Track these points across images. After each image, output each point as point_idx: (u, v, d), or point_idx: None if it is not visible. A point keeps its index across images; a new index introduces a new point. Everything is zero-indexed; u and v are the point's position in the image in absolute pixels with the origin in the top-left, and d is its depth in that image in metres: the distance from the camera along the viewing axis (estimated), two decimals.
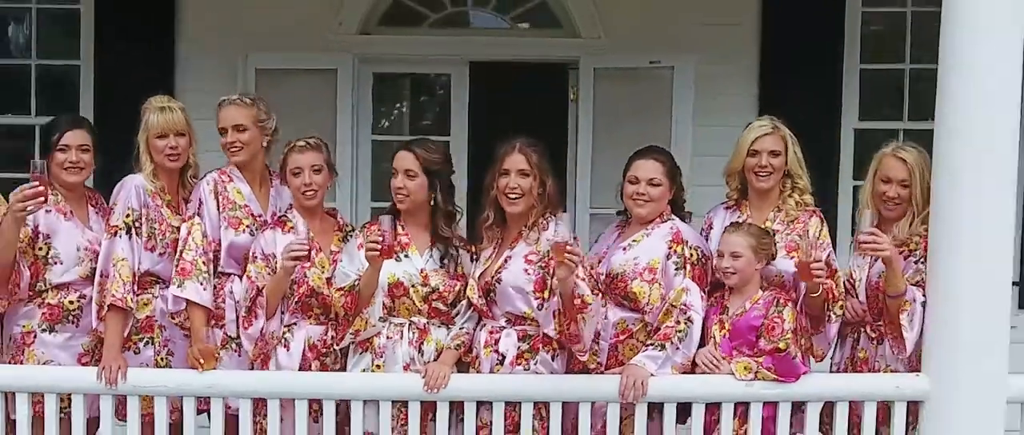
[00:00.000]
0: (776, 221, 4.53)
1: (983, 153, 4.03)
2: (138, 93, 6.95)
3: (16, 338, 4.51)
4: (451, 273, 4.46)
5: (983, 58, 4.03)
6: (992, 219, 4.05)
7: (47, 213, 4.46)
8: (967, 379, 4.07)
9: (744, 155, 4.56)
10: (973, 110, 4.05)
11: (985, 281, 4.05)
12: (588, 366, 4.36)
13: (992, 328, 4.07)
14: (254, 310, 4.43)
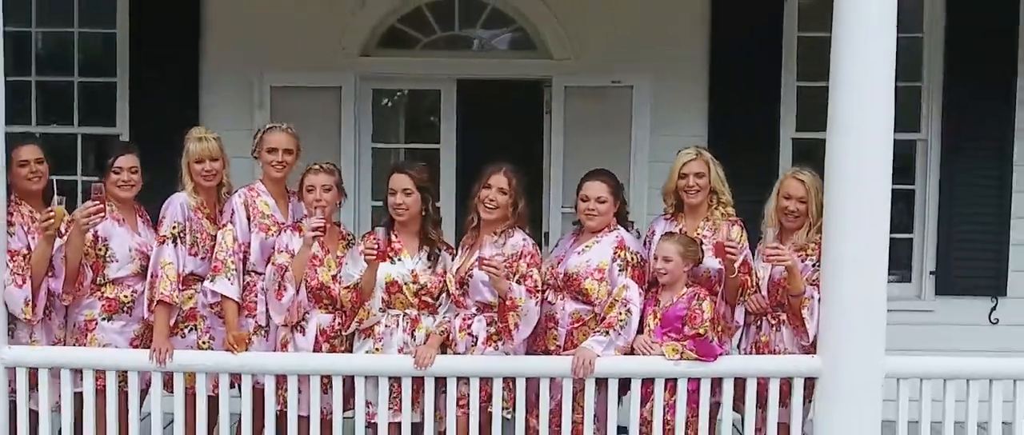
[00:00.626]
0: (705, 229, 5.31)
1: (863, 163, 4.82)
2: (167, 106, 7.75)
3: (80, 325, 5.25)
4: (436, 271, 5.26)
5: (861, 82, 4.82)
6: (870, 226, 4.78)
7: (105, 221, 5.17)
8: (852, 359, 4.83)
9: (676, 177, 5.36)
10: (855, 120, 4.82)
11: (866, 280, 4.78)
12: (548, 347, 5.19)
13: (872, 318, 4.81)
14: (283, 285, 5.14)
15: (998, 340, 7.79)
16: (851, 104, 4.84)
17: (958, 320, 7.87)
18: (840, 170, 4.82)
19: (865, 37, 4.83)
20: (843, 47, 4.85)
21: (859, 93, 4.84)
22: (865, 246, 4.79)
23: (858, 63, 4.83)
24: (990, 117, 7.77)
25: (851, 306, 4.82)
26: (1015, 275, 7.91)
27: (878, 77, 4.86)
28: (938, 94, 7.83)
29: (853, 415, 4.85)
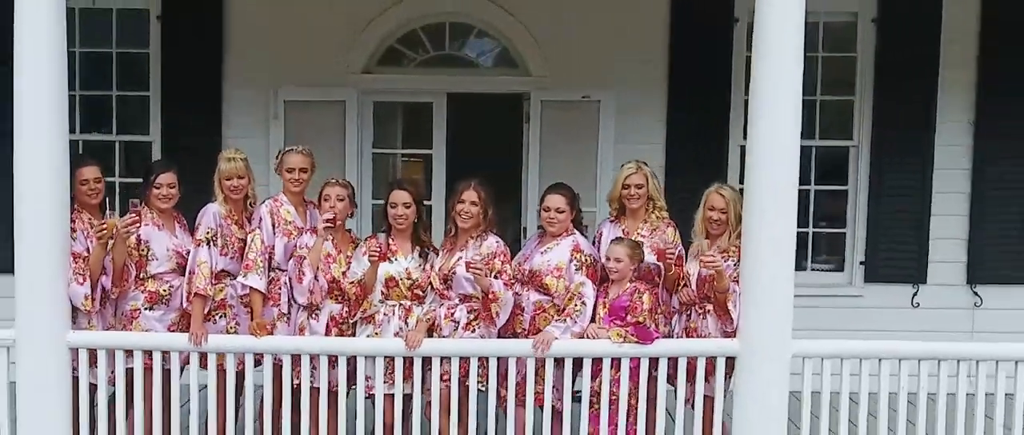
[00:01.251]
0: (644, 229, 6.18)
1: (775, 181, 5.56)
2: (194, 117, 8.59)
3: (126, 313, 6.12)
4: (425, 269, 6.15)
5: (768, 100, 5.58)
6: (779, 231, 5.58)
7: (146, 226, 6.07)
8: (764, 343, 5.66)
9: (619, 187, 6.23)
10: (767, 129, 5.60)
11: (776, 278, 5.60)
12: (516, 330, 6.07)
13: (781, 309, 5.64)
14: (301, 271, 6.01)
15: (919, 322, 8.62)
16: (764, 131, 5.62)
17: (884, 304, 8.69)
18: (755, 183, 5.63)
19: (779, 67, 5.56)
20: (760, 77, 5.61)
21: (770, 121, 5.60)
22: (775, 249, 5.61)
23: (771, 92, 5.57)
24: (913, 127, 8.56)
25: (764, 299, 5.64)
26: (933, 265, 8.73)
27: (788, 105, 5.57)
28: (869, 107, 8.63)
29: (765, 389, 5.70)
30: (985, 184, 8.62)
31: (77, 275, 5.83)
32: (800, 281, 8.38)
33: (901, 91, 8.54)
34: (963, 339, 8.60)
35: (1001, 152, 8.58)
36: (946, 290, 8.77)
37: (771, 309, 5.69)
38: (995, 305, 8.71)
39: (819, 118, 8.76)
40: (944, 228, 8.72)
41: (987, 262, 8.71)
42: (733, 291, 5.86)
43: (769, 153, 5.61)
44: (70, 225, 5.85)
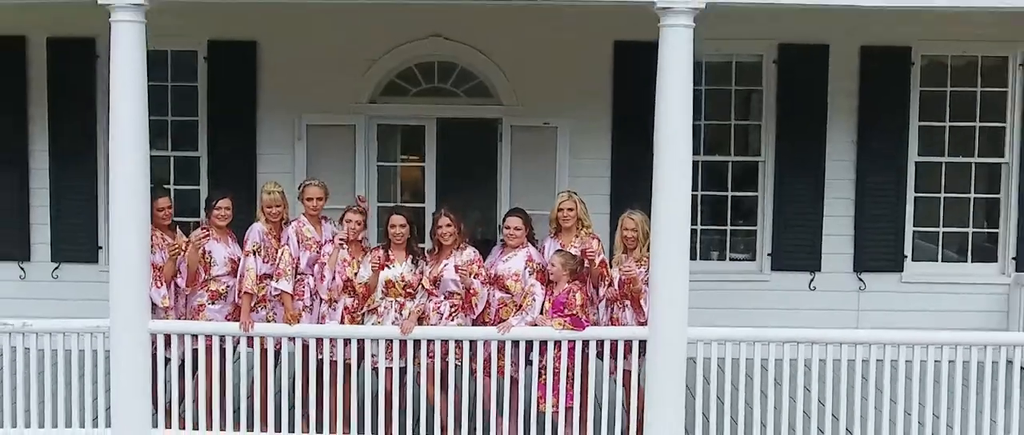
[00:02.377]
0: (575, 243, 7.63)
1: (671, 197, 7.03)
2: (233, 137, 10.04)
3: (194, 307, 7.68)
4: (416, 273, 7.68)
5: (670, 133, 6.96)
6: (676, 243, 7.02)
7: (209, 240, 7.68)
8: (666, 330, 7.15)
9: (556, 211, 7.74)
10: (668, 155, 6.99)
11: (675, 280, 7.06)
12: (484, 320, 7.62)
13: (678, 302, 7.08)
14: (322, 274, 7.55)
15: (816, 302, 10.11)
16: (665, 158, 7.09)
17: (788, 287, 10.17)
18: (658, 217, 7.13)
19: (673, 110, 6.99)
20: (662, 116, 7.03)
21: (670, 149, 7.01)
22: (674, 261, 7.13)
23: (670, 126, 6.99)
24: (808, 146, 10.03)
25: (666, 297, 7.09)
26: (826, 256, 10.19)
27: (681, 136, 7.00)
28: (772, 130, 10.10)
29: (667, 363, 7.19)
30: (865, 191, 10.09)
31: (156, 281, 7.40)
32: (721, 269, 10.10)
33: (798, 117, 10.00)
34: (851, 315, 10.19)
35: (876, 166, 10.05)
36: (837, 276, 10.23)
37: (671, 304, 7.13)
38: (875, 288, 10.21)
39: (734, 139, 10.25)
40: (834, 226, 10.18)
41: (868, 254, 10.19)
42: (644, 291, 7.39)
43: (666, 198, 7.05)
44: (150, 241, 7.40)
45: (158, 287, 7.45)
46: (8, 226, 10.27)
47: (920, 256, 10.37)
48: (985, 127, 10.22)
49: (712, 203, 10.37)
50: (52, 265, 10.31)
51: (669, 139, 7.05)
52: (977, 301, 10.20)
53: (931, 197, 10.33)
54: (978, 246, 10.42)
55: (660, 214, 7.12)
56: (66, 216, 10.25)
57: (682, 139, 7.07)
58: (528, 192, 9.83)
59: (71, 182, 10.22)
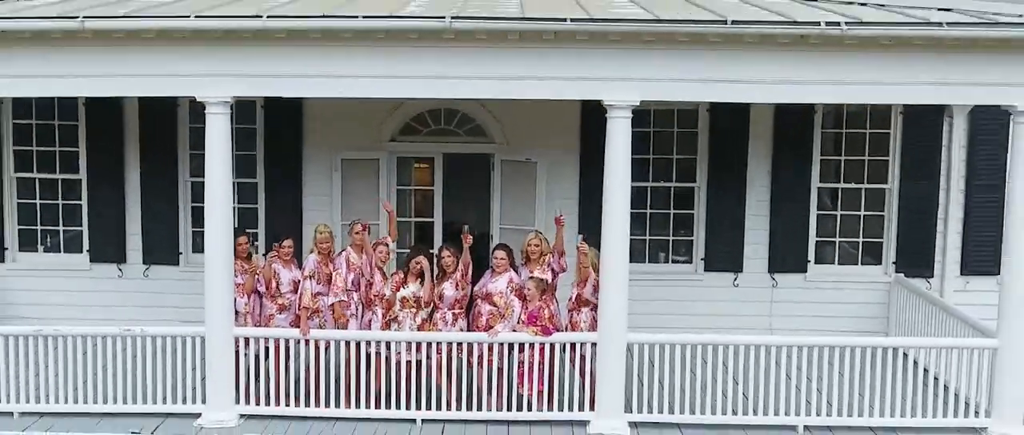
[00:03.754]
0: (541, 269, 9.66)
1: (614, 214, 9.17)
2: (284, 168, 12.00)
3: (266, 316, 9.76)
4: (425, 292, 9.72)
5: (616, 182, 9.07)
6: (617, 269, 9.14)
7: (277, 267, 9.71)
8: (610, 335, 9.29)
9: (526, 246, 9.77)
10: (613, 186, 9.13)
11: (616, 297, 9.13)
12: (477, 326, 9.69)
13: (619, 314, 9.16)
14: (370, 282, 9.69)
15: (739, 296, 12.12)
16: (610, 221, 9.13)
17: (717, 285, 12.13)
18: (605, 254, 9.22)
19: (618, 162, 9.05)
20: (610, 166, 9.06)
21: (617, 192, 9.09)
22: (616, 284, 9.19)
23: (611, 172, 9.08)
24: (733, 175, 11.93)
25: (609, 310, 9.19)
26: (747, 260, 12.11)
27: (621, 182, 9.05)
28: (706, 162, 11.98)
29: (611, 360, 9.31)
30: (777, 211, 12.01)
31: (239, 294, 9.51)
32: (665, 270, 12.05)
33: (725, 153, 11.92)
34: (766, 306, 12.19)
35: (786, 191, 11.99)
36: (755, 276, 12.19)
37: (615, 317, 9.21)
38: (784, 285, 12.18)
39: (675, 168, 12.19)
40: (753, 237, 12.13)
41: (779, 258, 12.15)
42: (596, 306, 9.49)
43: (611, 235, 9.17)
44: (234, 269, 9.49)
45: (240, 296, 9.57)
46: (109, 236, 12.28)
47: (820, 260, 12.32)
48: (872, 160, 12.13)
49: (658, 218, 12.29)
50: (143, 267, 12.33)
51: (613, 206, 9.16)
52: (865, 295, 12.22)
53: (829, 214, 12.27)
54: (866, 252, 12.37)
55: (606, 257, 9.19)
56: (153, 228, 12.23)
57: (621, 200, 9.17)
58: (514, 211, 11.80)
59: (157, 200, 12.18)
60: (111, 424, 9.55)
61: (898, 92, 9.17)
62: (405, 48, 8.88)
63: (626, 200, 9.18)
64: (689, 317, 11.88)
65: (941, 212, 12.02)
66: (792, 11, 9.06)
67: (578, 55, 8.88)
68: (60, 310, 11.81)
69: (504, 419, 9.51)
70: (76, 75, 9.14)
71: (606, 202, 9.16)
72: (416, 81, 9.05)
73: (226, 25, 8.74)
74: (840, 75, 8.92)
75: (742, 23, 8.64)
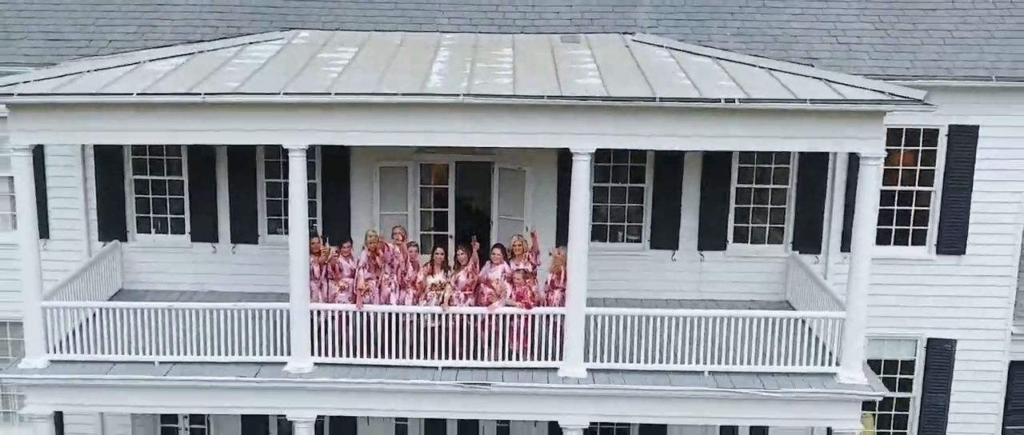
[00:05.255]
0: (523, 262, 12.78)
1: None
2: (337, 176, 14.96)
3: (331, 295, 12.83)
4: (448, 277, 12.80)
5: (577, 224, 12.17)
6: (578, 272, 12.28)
7: (340, 259, 12.81)
8: (574, 308, 12.44)
9: (511, 245, 12.82)
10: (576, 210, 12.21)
11: (577, 285, 12.24)
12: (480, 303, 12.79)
13: (579, 293, 12.32)
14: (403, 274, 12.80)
15: (676, 267, 15.00)
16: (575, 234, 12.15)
17: (659, 259, 15.00)
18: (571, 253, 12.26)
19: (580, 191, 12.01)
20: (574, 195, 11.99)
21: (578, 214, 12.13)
22: (578, 277, 12.20)
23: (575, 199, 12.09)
24: (673, 180, 14.79)
25: (574, 293, 12.26)
26: (682, 240, 14.90)
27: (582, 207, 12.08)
28: (652, 170, 14.85)
29: (574, 329, 12.46)
30: (705, 203, 14.86)
31: (313, 278, 12.60)
32: (622, 247, 15.14)
33: (667, 163, 14.83)
34: (696, 275, 15.21)
35: (712, 190, 14.83)
36: (688, 252, 15.04)
37: (576, 297, 12.26)
38: (710, 259, 15.12)
39: (630, 174, 15.10)
40: (687, 223, 14.90)
41: (706, 239, 15.04)
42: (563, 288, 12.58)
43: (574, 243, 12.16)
44: (309, 262, 12.55)
45: (313, 279, 12.66)
46: (205, 221, 15.25)
47: (737, 240, 15.23)
48: (778, 167, 15.02)
49: (616, 210, 15.24)
50: (231, 245, 15.35)
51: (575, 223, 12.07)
52: (770, 266, 15.19)
53: (744, 207, 15.20)
54: (771, 235, 15.39)
55: (571, 258, 12.19)
56: (239, 214, 15.19)
57: (581, 219, 12.08)
58: (508, 205, 14.65)
59: (240, 195, 15.06)
60: (224, 369, 12.70)
61: (777, 143, 12.11)
62: (429, 112, 11.75)
63: (586, 219, 12.21)
64: (639, 282, 14.97)
65: (827, 206, 14.96)
66: (705, 89, 11.85)
67: (551, 118, 11.75)
68: (167, 276, 15.03)
69: (499, 366, 12.65)
70: (196, 130, 12.02)
71: (571, 222, 12.12)
72: (436, 134, 11.96)
73: (305, 100, 11.61)
74: (737, 131, 11.80)
75: (667, 99, 11.51)
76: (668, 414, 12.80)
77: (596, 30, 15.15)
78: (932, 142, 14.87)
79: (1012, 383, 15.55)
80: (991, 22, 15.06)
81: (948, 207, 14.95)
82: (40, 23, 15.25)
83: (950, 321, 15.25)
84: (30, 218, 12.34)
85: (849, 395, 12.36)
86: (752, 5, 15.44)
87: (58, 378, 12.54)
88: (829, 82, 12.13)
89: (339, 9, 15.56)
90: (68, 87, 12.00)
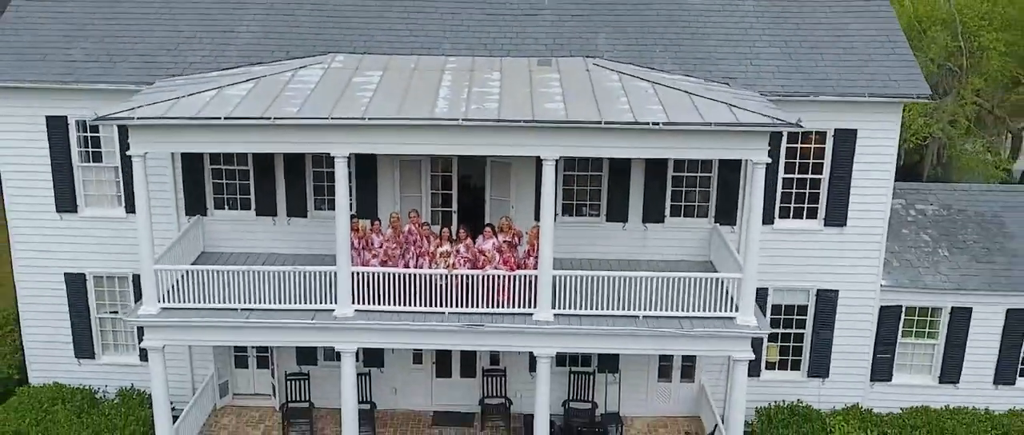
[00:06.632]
0: (508, 236, 16.27)
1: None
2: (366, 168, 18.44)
3: (366, 260, 16.32)
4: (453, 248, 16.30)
5: (546, 191, 15.66)
6: (545, 235, 15.77)
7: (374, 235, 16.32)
8: (544, 270, 15.97)
9: (499, 224, 16.28)
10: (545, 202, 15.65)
11: (545, 253, 15.77)
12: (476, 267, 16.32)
13: (547, 259, 15.85)
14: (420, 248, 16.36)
15: (626, 237, 18.32)
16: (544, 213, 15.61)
17: (613, 230, 18.26)
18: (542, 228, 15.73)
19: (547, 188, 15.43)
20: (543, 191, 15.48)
21: (547, 204, 15.59)
22: (547, 246, 15.78)
23: (544, 194, 15.55)
24: (622, 173, 18.21)
25: (544, 259, 15.76)
26: (630, 215, 18.16)
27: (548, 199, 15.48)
28: (607, 167, 18.28)
29: (544, 285, 15.98)
30: (648, 188, 18.17)
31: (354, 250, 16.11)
32: (583, 220, 18.69)
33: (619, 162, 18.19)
34: (641, 243, 18.62)
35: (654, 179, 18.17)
36: (635, 224, 18.29)
37: (546, 262, 15.76)
38: (652, 230, 18.48)
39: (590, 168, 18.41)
40: (634, 201, 18.18)
41: (649, 213, 18.33)
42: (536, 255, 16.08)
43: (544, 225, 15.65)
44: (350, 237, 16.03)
45: (353, 249, 16.16)
46: (266, 200, 18.64)
47: (673, 214, 18.54)
48: (702, 160, 18.38)
49: (579, 193, 18.59)
50: (286, 218, 18.80)
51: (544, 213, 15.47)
52: (699, 234, 18.52)
53: (678, 190, 18.55)
54: (699, 210, 18.75)
55: (542, 235, 15.66)
56: (292, 194, 18.57)
57: (548, 208, 15.45)
58: (497, 187, 17.94)
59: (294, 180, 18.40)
60: (288, 315, 16.27)
61: (691, 152, 15.46)
62: (436, 131, 15.09)
63: (552, 206, 15.54)
64: (599, 246, 18.40)
65: (740, 189, 18.33)
66: (639, 114, 15.13)
67: (526, 134, 15.07)
68: (237, 242, 18.48)
69: (490, 312, 16.20)
70: (266, 142, 15.38)
71: (541, 209, 15.53)
72: (443, 146, 15.33)
73: (345, 123, 14.97)
74: (662, 144, 15.14)
75: (610, 122, 14.83)
76: (613, 347, 16.36)
77: (565, 54, 18.34)
78: (822, 141, 18.14)
79: (881, 322, 19.09)
80: (868, 50, 18.27)
81: (834, 190, 18.30)
82: (136, 49, 18.48)
83: (834, 276, 18.71)
84: (145, 206, 15.76)
85: (743, 333, 15.91)
86: (685, 34, 18.63)
87: (169, 321, 16.11)
88: (731, 107, 15.40)
89: (367, 34, 18.78)
90: (172, 111, 15.33)
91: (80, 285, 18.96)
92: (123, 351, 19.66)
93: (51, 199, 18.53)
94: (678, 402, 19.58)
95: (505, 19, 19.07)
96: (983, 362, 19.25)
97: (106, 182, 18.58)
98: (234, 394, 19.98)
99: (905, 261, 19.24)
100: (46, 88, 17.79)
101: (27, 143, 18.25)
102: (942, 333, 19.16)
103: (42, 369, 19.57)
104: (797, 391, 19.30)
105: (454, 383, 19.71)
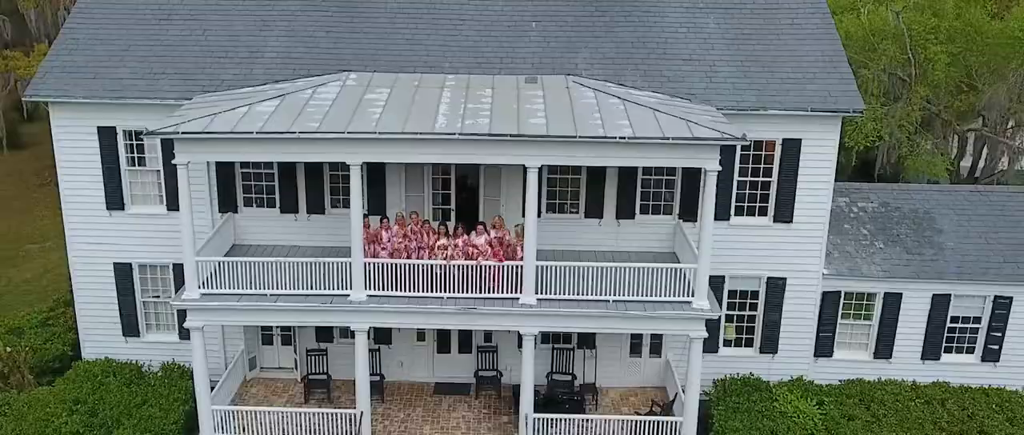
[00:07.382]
0: (499, 232, 18.30)
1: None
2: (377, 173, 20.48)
3: (375, 254, 18.40)
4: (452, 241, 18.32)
5: (530, 195, 17.70)
6: (530, 231, 17.80)
7: (385, 231, 18.33)
8: (529, 261, 18.00)
9: (491, 222, 18.28)
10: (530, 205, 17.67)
11: (529, 248, 17.82)
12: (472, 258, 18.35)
13: (531, 252, 17.89)
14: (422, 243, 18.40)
15: (602, 231, 20.30)
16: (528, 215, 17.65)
17: (590, 225, 20.26)
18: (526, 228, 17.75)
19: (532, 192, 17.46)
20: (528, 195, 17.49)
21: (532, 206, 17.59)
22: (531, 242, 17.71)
23: (528, 199, 17.56)
24: (599, 178, 20.20)
25: (529, 252, 17.82)
26: (605, 211, 20.12)
27: (532, 203, 17.57)
28: (585, 172, 20.27)
29: (529, 273, 18.01)
30: (622, 187, 20.21)
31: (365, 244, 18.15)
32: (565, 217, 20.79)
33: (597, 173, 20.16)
34: (614, 237, 20.63)
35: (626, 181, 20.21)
36: (609, 219, 20.22)
37: (530, 254, 17.78)
38: (625, 226, 20.45)
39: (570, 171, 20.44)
40: (609, 200, 20.15)
41: (622, 211, 20.29)
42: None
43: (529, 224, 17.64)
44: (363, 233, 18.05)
45: (365, 242, 18.21)
46: (289, 199, 20.63)
47: (643, 212, 20.49)
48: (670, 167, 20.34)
49: (561, 193, 20.58)
50: (307, 215, 20.79)
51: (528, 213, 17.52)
52: (665, 229, 20.50)
53: (647, 191, 20.53)
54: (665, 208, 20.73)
55: (527, 231, 17.69)
56: (312, 193, 20.57)
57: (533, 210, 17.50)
58: (489, 188, 19.89)
59: (313, 182, 20.44)
60: (310, 299, 18.31)
61: (654, 161, 17.44)
62: (437, 143, 17.07)
63: (535, 208, 17.49)
64: (578, 239, 20.37)
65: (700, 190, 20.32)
66: (609, 129, 17.10)
67: (513, 146, 17.04)
68: (264, 235, 20.44)
69: (482, 297, 18.21)
70: (291, 152, 17.34)
71: (526, 210, 17.55)
72: (443, 155, 17.33)
73: (359, 136, 16.95)
74: (628, 154, 17.11)
75: (584, 136, 16.82)
76: (588, 326, 18.40)
77: (548, 72, 20.28)
78: (772, 149, 20.13)
79: (823, 306, 21.13)
80: (813, 70, 20.21)
81: (782, 191, 20.29)
82: (175, 67, 20.42)
83: (782, 265, 20.73)
84: (188, 207, 17.75)
85: (697, 315, 17.97)
86: (654, 55, 20.59)
87: (208, 304, 18.15)
88: (689, 122, 17.37)
89: (377, 53, 20.70)
90: (210, 126, 17.28)
91: (127, 273, 20.98)
92: (165, 330, 21.69)
93: (102, 198, 20.51)
94: (647, 375, 21.66)
95: (498, 39, 20.97)
96: (912, 340, 21.30)
97: (149, 183, 20.56)
98: (261, 368, 22.06)
99: (845, 252, 21.26)
100: (98, 103, 19.71)
101: (81, 150, 20.22)
102: (876, 315, 21.19)
103: (94, 346, 21.62)
104: (750, 365, 21.36)
105: (453, 358, 21.79)
